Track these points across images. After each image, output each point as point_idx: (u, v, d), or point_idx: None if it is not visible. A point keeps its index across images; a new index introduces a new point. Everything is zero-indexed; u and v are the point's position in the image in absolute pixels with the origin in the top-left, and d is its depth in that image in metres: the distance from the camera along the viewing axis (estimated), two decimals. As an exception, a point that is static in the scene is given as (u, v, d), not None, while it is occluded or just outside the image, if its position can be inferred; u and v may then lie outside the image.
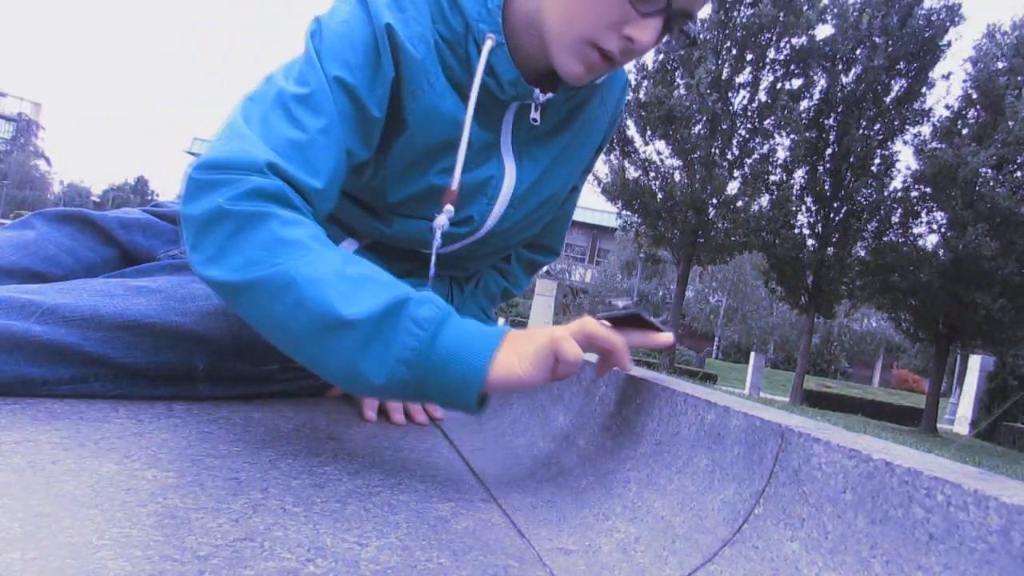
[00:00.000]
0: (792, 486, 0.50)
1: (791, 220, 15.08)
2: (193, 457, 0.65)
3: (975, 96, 13.84)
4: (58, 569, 0.40)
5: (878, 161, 14.68)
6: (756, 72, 14.50)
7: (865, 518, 0.44)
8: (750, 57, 14.38)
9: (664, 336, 0.77)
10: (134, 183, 58.62)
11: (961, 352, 16.14)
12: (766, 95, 14.48)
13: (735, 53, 14.34)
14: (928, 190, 14.03)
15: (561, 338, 0.68)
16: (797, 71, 14.53)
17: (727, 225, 14.41)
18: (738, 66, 14.45)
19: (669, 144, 14.50)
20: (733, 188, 14.52)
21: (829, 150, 14.79)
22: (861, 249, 15.08)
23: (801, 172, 15.09)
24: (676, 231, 14.57)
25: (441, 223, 0.91)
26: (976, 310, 13.10)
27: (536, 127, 0.93)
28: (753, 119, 14.41)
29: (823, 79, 14.75)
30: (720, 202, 14.31)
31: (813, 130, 14.64)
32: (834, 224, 14.88)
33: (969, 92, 13.98)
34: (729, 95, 14.31)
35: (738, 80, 14.55)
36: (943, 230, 14.02)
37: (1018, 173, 13.40)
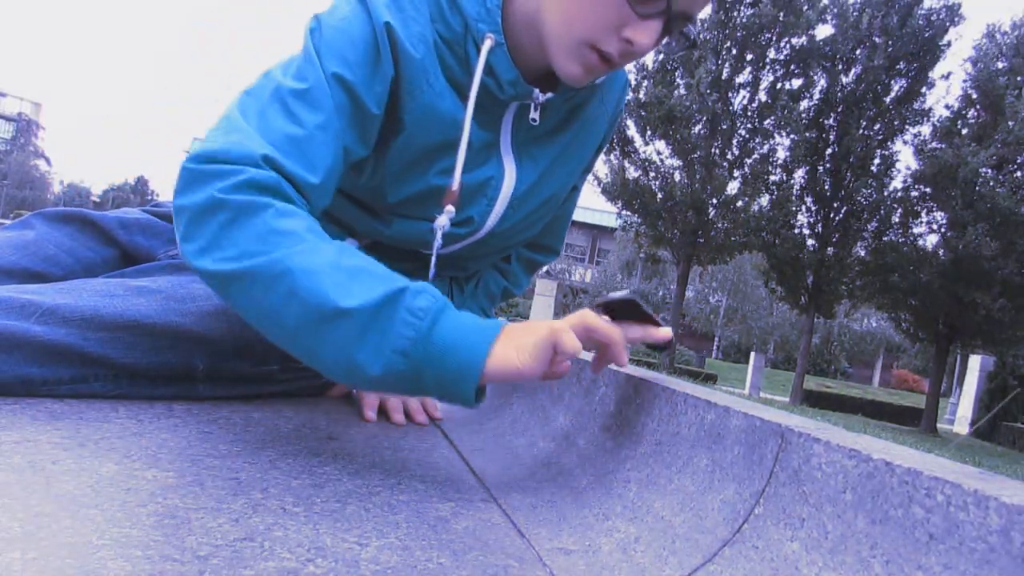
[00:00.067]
0: (792, 486, 0.50)
1: (791, 220, 15.09)
2: (193, 457, 0.65)
3: (975, 96, 13.85)
4: (58, 569, 0.40)
5: (878, 161, 14.69)
6: (756, 72, 14.51)
7: (865, 518, 0.44)
8: (750, 57, 14.39)
9: (663, 331, 0.77)
10: (134, 183, 58.62)
11: (961, 352, 16.15)
12: (766, 95, 14.49)
13: (735, 53, 14.35)
14: (928, 190, 14.04)
15: (560, 330, 0.68)
16: (797, 71, 14.54)
17: (727, 225, 14.42)
18: (738, 66, 14.46)
19: (669, 144, 14.51)
20: (733, 188, 14.53)
21: (829, 150, 14.80)
22: (861, 249, 15.09)
23: (801, 172, 15.10)
24: (676, 231, 14.58)
25: (442, 224, 0.91)
26: (976, 310, 13.10)
27: (536, 127, 0.93)
28: (753, 119, 14.42)
29: (823, 79, 14.76)
30: (720, 202, 14.32)
31: (813, 130, 14.65)
32: (834, 224, 14.89)
33: (969, 92, 13.98)
34: (729, 95, 14.32)
35: (738, 80, 14.56)
36: (943, 230, 14.03)
37: (1018, 173, 13.40)
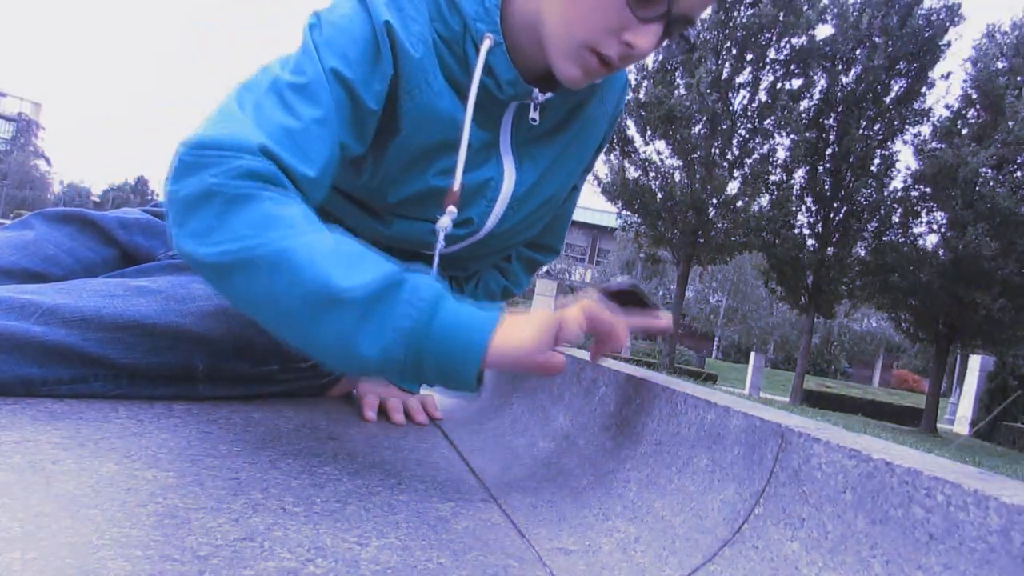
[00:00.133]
0: (792, 486, 0.50)
1: (791, 220, 15.08)
2: (193, 457, 0.65)
3: (975, 96, 13.85)
4: (58, 569, 0.40)
5: (878, 161, 14.68)
6: (756, 72, 14.50)
7: (865, 518, 0.44)
8: (750, 57, 14.39)
9: (663, 318, 0.77)
10: (134, 183, 58.59)
11: (961, 352, 16.15)
12: (766, 95, 14.48)
13: (735, 53, 14.34)
14: (928, 190, 14.03)
15: (563, 314, 0.68)
16: (797, 71, 14.54)
17: (727, 225, 14.41)
18: (738, 66, 14.45)
19: (669, 144, 14.51)
20: (733, 188, 14.53)
21: (829, 150, 14.79)
22: (861, 249, 15.08)
23: (801, 172, 15.09)
24: (676, 231, 14.57)
25: (444, 225, 0.90)
26: (976, 310, 13.10)
27: (535, 127, 0.93)
28: (753, 119, 14.41)
29: (823, 79, 14.75)
30: (720, 202, 14.31)
31: (813, 130, 14.64)
32: (834, 224, 14.88)
33: (969, 92, 13.98)
34: (729, 95, 14.31)
35: (738, 80, 14.55)
36: (943, 230, 14.02)
37: (1018, 173, 13.40)
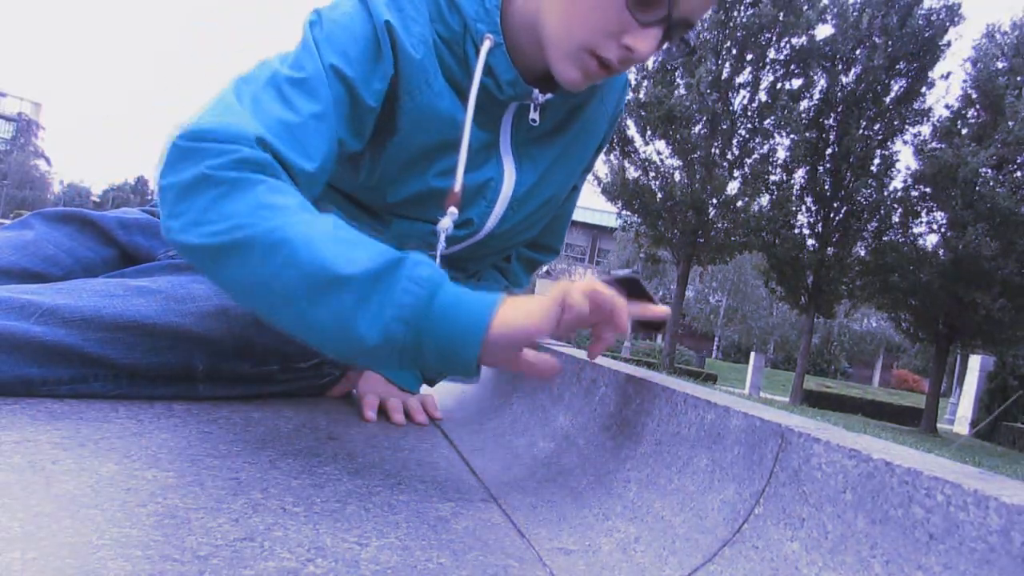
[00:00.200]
0: (792, 486, 0.50)
1: (791, 220, 15.09)
2: (193, 457, 0.65)
3: (975, 96, 13.85)
4: (58, 569, 0.40)
5: (878, 161, 14.69)
6: (756, 72, 14.51)
7: (865, 518, 0.44)
8: (750, 57, 14.40)
9: (660, 308, 0.77)
10: (134, 183, 58.59)
11: (961, 352, 16.15)
12: (766, 95, 14.49)
13: (735, 53, 14.35)
14: (928, 190, 14.04)
15: (567, 288, 0.68)
16: (797, 71, 14.55)
17: (727, 225, 14.42)
18: (738, 66, 14.46)
19: (669, 144, 14.52)
20: (733, 188, 14.54)
21: (829, 150, 14.80)
22: (861, 249, 15.10)
23: (801, 172, 15.10)
24: (676, 231, 14.58)
25: (446, 226, 0.90)
26: (976, 310, 13.10)
27: (535, 127, 0.93)
28: (753, 119, 14.42)
29: (823, 79, 14.76)
30: (720, 202, 14.32)
31: (813, 130, 14.65)
32: (834, 224, 14.89)
33: (969, 92, 13.99)
34: (729, 95, 14.32)
35: (738, 80, 14.56)
36: (943, 230, 14.03)
37: (1018, 173, 13.41)
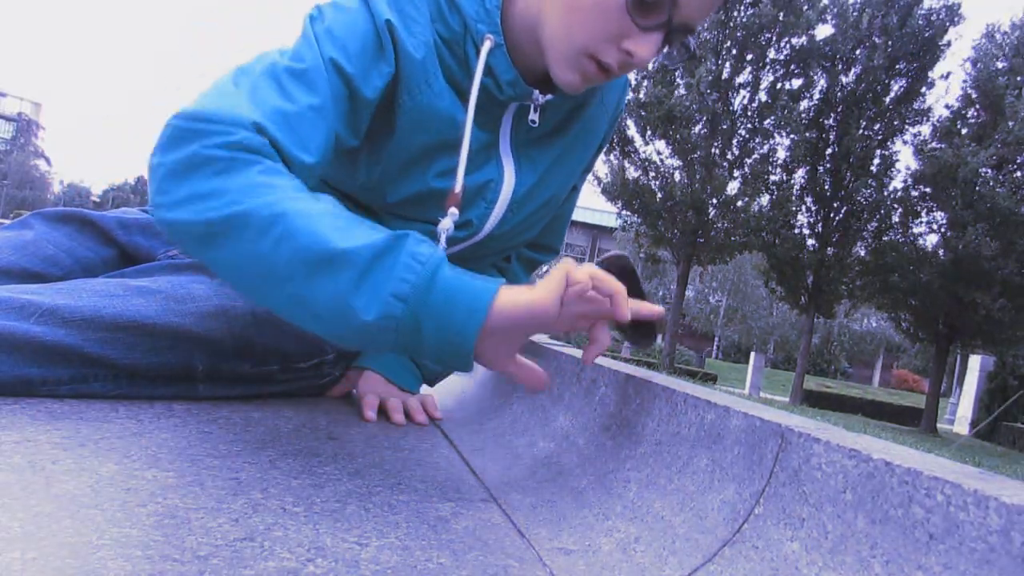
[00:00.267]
0: (792, 486, 0.50)
1: (791, 220, 15.09)
2: (193, 457, 0.65)
3: (975, 96, 13.86)
4: (58, 569, 0.40)
5: (878, 161, 14.69)
6: (756, 72, 14.51)
7: (865, 518, 0.44)
8: (750, 57, 14.40)
9: (655, 307, 0.76)
10: (134, 183, 58.57)
11: (961, 352, 16.15)
12: (766, 95, 14.49)
13: (735, 53, 14.35)
14: (928, 190, 14.05)
15: (569, 266, 0.68)
16: (797, 71, 14.55)
17: (727, 225, 14.42)
18: (738, 66, 14.46)
19: (669, 144, 14.52)
20: (733, 188, 14.54)
21: (829, 150, 14.81)
22: (861, 249, 15.10)
23: (801, 172, 15.11)
24: (676, 231, 14.58)
25: (446, 227, 0.89)
26: (976, 310, 13.11)
27: (535, 128, 0.93)
28: (753, 119, 14.42)
29: (823, 79, 14.76)
30: (720, 202, 14.32)
31: (813, 130, 14.65)
32: (834, 224, 14.89)
33: (969, 92, 13.99)
34: (729, 95, 14.32)
35: (738, 80, 14.56)
36: (943, 230, 14.03)
37: (1018, 173, 13.41)
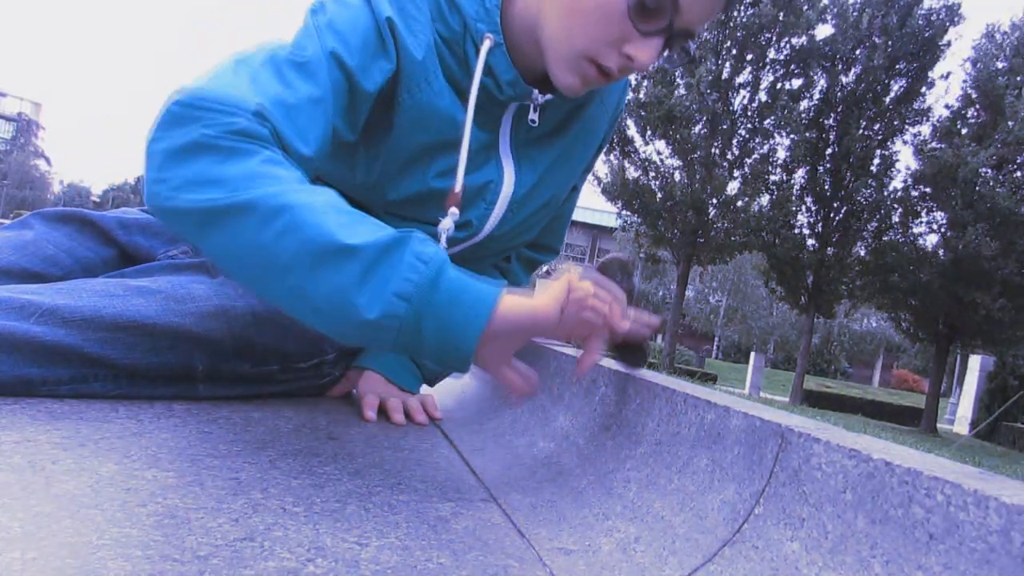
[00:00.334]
0: (792, 486, 0.50)
1: (791, 220, 15.09)
2: (193, 457, 0.65)
3: (975, 96, 13.86)
4: (58, 569, 0.40)
5: (878, 161, 14.69)
6: (756, 72, 14.51)
7: (865, 518, 0.44)
8: (750, 57, 14.40)
9: (652, 319, 0.77)
10: (134, 183, 58.53)
11: (961, 352, 16.16)
12: (766, 95, 14.49)
13: (735, 53, 14.35)
14: (928, 190, 14.05)
15: (571, 274, 0.69)
16: (797, 71, 14.55)
17: (727, 225, 14.42)
18: (738, 66, 14.46)
19: (669, 144, 14.52)
20: (733, 188, 14.54)
21: (829, 150, 14.80)
22: (861, 249, 15.10)
23: (801, 172, 15.11)
24: (676, 231, 14.58)
25: (446, 227, 0.89)
26: (976, 310, 13.11)
27: (535, 128, 0.93)
28: (753, 119, 14.42)
29: (823, 79, 14.76)
30: (720, 202, 14.32)
31: (813, 130, 14.65)
32: (834, 224, 14.89)
33: (969, 92, 13.99)
34: (729, 95, 14.32)
35: (738, 80, 14.56)
36: (943, 230, 14.03)
37: (1018, 173, 13.41)
